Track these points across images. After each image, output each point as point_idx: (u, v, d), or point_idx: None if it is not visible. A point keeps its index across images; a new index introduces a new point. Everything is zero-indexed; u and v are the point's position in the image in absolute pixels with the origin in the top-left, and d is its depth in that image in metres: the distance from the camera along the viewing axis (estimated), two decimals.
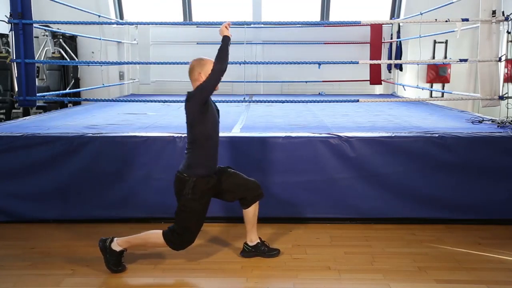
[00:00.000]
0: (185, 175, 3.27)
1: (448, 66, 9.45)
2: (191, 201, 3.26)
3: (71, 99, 6.96)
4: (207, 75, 3.22)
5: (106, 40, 8.10)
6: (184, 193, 3.26)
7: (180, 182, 3.30)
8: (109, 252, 3.33)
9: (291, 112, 6.25)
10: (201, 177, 3.27)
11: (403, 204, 4.27)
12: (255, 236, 3.58)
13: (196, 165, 3.29)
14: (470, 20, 5.28)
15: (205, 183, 3.29)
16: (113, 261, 3.33)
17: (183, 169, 3.31)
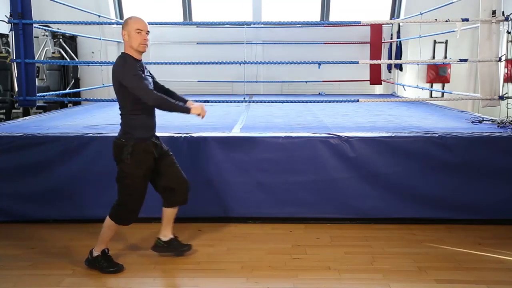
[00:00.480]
0: (122, 140, 3.23)
1: (448, 66, 9.45)
2: (131, 167, 3.21)
3: (71, 99, 6.96)
4: (129, 34, 3.14)
5: (106, 40, 8.10)
6: (122, 158, 3.21)
7: (117, 148, 3.25)
8: (94, 260, 3.37)
9: (291, 112, 6.25)
10: (139, 140, 3.22)
11: (403, 204, 4.27)
12: (169, 232, 3.57)
13: (133, 129, 3.22)
14: (470, 20, 5.27)
15: (144, 146, 3.25)
16: (106, 265, 3.36)
17: (120, 135, 3.27)
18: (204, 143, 4.30)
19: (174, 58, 6.46)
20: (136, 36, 3.15)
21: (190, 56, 7.74)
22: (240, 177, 4.29)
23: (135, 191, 3.28)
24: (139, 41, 3.16)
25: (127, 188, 3.27)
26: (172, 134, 4.36)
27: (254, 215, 4.32)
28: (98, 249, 3.38)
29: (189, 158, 4.27)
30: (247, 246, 3.80)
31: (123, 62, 3.17)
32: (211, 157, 4.28)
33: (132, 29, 3.15)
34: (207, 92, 8.98)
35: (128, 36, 3.15)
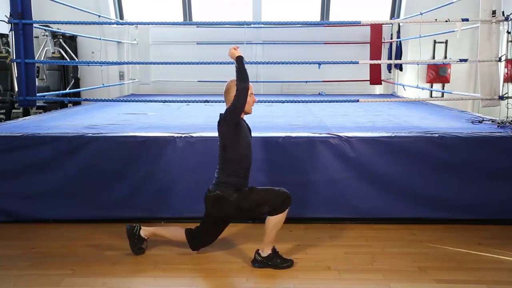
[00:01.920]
0: (218, 192, 3.35)
1: (448, 66, 9.45)
2: (242, 198, 3.33)
3: (71, 99, 6.96)
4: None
5: (106, 40, 8.10)
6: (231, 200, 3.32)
7: (218, 200, 3.36)
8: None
9: (291, 112, 6.25)
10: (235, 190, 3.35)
11: (403, 204, 4.27)
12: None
13: (227, 185, 3.35)
14: (470, 20, 5.27)
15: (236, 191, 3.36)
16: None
17: (214, 188, 3.39)
18: (204, 143, 4.30)
19: (174, 58, 6.46)
20: (249, 99, 3.38)
21: (190, 56, 7.76)
22: None
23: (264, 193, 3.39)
24: (251, 104, 3.44)
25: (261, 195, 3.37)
26: (172, 134, 4.36)
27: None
28: (267, 249, 3.40)
29: (189, 159, 4.28)
30: (247, 246, 3.80)
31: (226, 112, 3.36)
32: (211, 157, 4.26)
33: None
34: (207, 92, 8.97)
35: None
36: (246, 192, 3.38)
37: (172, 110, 6.61)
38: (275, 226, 3.36)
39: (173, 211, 4.32)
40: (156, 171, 4.27)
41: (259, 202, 3.35)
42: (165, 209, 4.31)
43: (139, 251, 3.61)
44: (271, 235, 3.38)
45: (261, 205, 3.34)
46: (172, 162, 4.28)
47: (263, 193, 3.38)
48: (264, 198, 3.35)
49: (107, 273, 3.35)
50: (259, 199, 3.35)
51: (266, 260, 3.40)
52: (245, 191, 3.39)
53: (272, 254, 3.40)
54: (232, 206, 3.35)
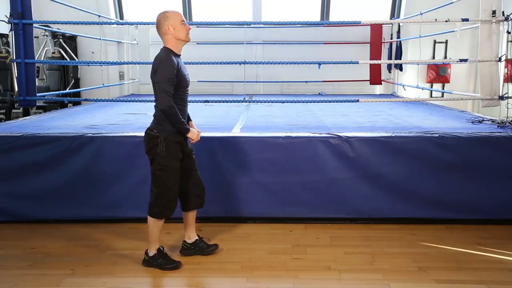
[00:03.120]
0: (155, 131, 3.25)
1: (448, 66, 9.45)
2: (166, 159, 3.25)
3: (71, 99, 6.94)
4: (175, 27, 3.22)
5: (106, 40, 8.10)
6: (158, 151, 3.23)
7: (150, 139, 3.27)
8: (152, 258, 3.40)
9: (291, 112, 6.25)
10: (171, 132, 3.25)
11: (403, 204, 4.27)
12: (193, 234, 3.61)
13: (165, 121, 3.24)
14: (470, 20, 5.27)
15: (176, 138, 3.28)
16: (164, 262, 3.39)
17: (153, 126, 3.30)
18: (204, 143, 4.29)
19: None
20: (182, 27, 3.25)
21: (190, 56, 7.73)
22: (240, 177, 4.29)
23: (173, 182, 3.32)
24: (185, 32, 3.28)
25: (165, 181, 3.30)
26: None
27: (254, 215, 4.32)
28: (153, 249, 3.40)
29: None
30: (247, 246, 3.80)
31: (165, 58, 3.20)
32: (211, 157, 4.28)
33: (177, 21, 3.24)
34: (207, 92, 8.97)
35: (174, 29, 3.23)
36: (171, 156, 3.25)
37: None
38: (154, 226, 3.36)
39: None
40: None
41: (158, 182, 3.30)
42: None
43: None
44: (153, 235, 3.39)
45: (154, 183, 3.32)
46: None
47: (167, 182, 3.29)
48: (161, 185, 3.29)
49: (107, 273, 3.35)
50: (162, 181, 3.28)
51: (152, 259, 3.42)
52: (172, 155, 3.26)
53: (157, 255, 3.41)
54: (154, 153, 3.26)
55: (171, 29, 3.23)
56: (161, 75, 3.16)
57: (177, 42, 3.27)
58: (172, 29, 3.23)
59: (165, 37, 3.27)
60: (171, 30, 3.23)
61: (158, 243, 3.43)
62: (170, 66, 3.17)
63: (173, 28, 3.23)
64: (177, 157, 3.31)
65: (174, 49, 3.28)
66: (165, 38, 3.28)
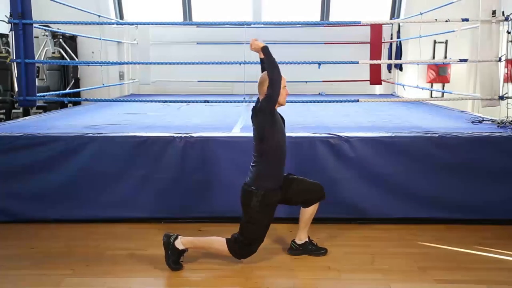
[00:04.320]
0: (253, 188, 3.31)
1: (448, 66, 9.45)
2: (259, 214, 3.30)
3: (71, 99, 6.95)
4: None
5: (106, 40, 8.09)
6: (251, 205, 3.29)
7: (247, 195, 3.33)
8: (171, 248, 3.36)
9: (291, 112, 6.23)
10: (269, 190, 3.31)
11: (403, 204, 4.27)
12: (304, 235, 3.61)
13: (264, 178, 3.32)
14: (470, 20, 5.28)
15: (273, 196, 3.34)
16: (173, 259, 3.37)
17: (250, 182, 3.34)
18: (204, 143, 4.30)
19: (174, 58, 6.45)
20: (282, 92, 3.40)
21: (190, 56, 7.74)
22: (240, 177, 4.27)
23: (259, 235, 3.38)
24: (284, 97, 3.45)
25: (252, 233, 3.36)
26: (172, 134, 4.36)
27: None
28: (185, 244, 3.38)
29: (189, 159, 4.28)
30: None
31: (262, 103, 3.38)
32: (211, 157, 4.28)
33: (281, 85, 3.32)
34: (207, 92, 8.97)
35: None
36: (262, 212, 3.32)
37: (172, 110, 6.61)
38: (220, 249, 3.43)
39: (173, 211, 4.32)
40: (156, 171, 4.27)
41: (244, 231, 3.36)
42: (164, 209, 4.31)
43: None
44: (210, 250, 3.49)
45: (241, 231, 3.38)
46: (172, 162, 4.27)
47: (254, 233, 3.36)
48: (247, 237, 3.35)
49: (107, 273, 3.35)
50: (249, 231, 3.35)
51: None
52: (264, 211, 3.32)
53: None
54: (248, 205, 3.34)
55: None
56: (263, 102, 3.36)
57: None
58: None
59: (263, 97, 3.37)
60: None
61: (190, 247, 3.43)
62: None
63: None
64: (268, 215, 3.37)
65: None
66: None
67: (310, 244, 3.61)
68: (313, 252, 3.60)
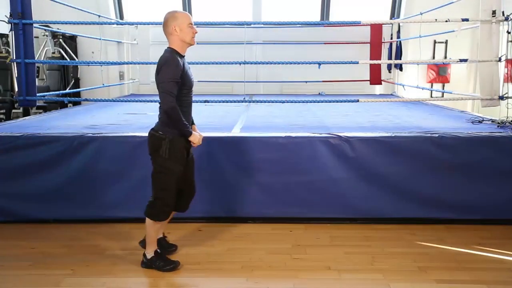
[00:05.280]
0: (160, 133, 3.23)
1: (448, 66, 9.45)
2: (168, 161, 3.22)
3: (71, 99, 6.93)
4: (181, 28, 3.18)
5: (106, 40, 8.09)
6: (160, 153, 3.21)
7: (155, 140, 3.24)
8: (150, 261, 3.39)
9: (291, 112, 6.25)
10: (177, 136, 3.23)
11: (403, 204, 4.27)
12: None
13: (171, 125, 3.22)
14: (470, 20, 5.27)
15: (181, 141, 3.25)
16: (162, 264, 3.38)
17: (158, 127, 3.27)
18: (204, 143, 4.28)
19: None
20: (188, 30, 3.20)
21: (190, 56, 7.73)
22: (240, 177, 4.30)
23: (171, 186, 3.28)
24: (191, 35, 3.23)
25: (164, 183, 3.27)
26: None
27: (254, 215, 4.32)
28: (150, 251, 3.40)
29: None
30: (247, 246, 3.80)
31: (170, 58, 3.17)
32: (211, 157, 4.28)
33: (184, 23, 3.19)
34: (207, 92, 8.95)
35: (180, 30, 3.18)
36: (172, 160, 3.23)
37: None
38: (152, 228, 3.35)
39: None
40: None
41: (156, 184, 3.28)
42: None
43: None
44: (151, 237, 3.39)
45: (154, 186, 3.29)
46: None
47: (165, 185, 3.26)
48: (159, 188, 3.27)
49: (107, 273, 3.35)
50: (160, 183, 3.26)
51: (150, 262, 3.40)
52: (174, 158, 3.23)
53: (154, 257, 3.40)
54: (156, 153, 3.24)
55: (178, 30, 3.18)
56: (165, 75, 3.13)
57: (182, 44, 3.24)
58: (178, 30, 3.18)
59: (171, 37, 3.23)
60: (177, 31, 3.19)
61: (155, 245, 3.42)
62: (174, 66, 3.14)
63: (180, 29, 3.18)
64: (180, 161, 3.28)
65: (179, 50, 3.24)
66: (171, 39, 3.24)
67: (164, 241, 3.56)
68: (164, 248, 3.53)
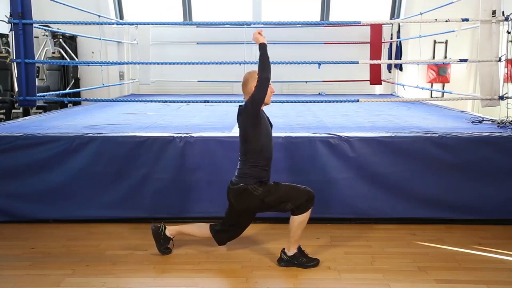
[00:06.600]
0: (241, 185, 3.33)
1: (448, 66, 9.45)
2: (265, 191, 3.33)
3: (71, 99, 6.95)
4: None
5: (106, 40, 8.10)
6: (257, 194, 3.31)
7: (240, 193, 3.35)
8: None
9: (291, 112, 6.25)
10: (256, 184, 3.34)
11: (403, 204, 4.27)
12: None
13: (249, 176, 3.34)
14: (470, 20, 5.27)
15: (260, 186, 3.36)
16: (305, 260, 3.43)
17: (237, 180, 3.37)
18: (204, 143, 4.30)
19: (174, 58, 6.47)
20: (268, 91, 3.32)
21: (190, 56, 7.74)
22: None
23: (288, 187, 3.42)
24: (269, 95, 3.37)
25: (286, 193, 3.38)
26: (172, 134, 4.35)
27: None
28: (293, 248, 3.44)
29: (189, 158, 4.28)
30: (247, 246, 3.80)
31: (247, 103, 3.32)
32: (211, 157, 4.28)
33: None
34: (207, 92, 8.98)
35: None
36: (271, 186, 3.39)
37: (172, 110, 6.61)
38: (300, 225, 3.39)
39: (173, 211, 4.32)
40: (156, 171, 4.27)
41: (283, 198, 3.36)
42: (164, 209, 4.31)
43: (165, 251, 3.63)
44: (296, 234, 3.41)
45: (285, 202, 3.36)
46: (172, 162, 4.28)
47: (288, 190, 3.39)
48: (288, 195, 3.36)
49: (107, 273, 3.35)
50: (283, 195, 3.37)
51: (292, 259, 3.43)
52: (270, 186, 3.39)
53: (298, 253, 3.44)
54: (256, 200, 3.34)
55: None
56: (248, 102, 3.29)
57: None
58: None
59: (248, 96, 3.33)
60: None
61: (298, 242, 3.45)
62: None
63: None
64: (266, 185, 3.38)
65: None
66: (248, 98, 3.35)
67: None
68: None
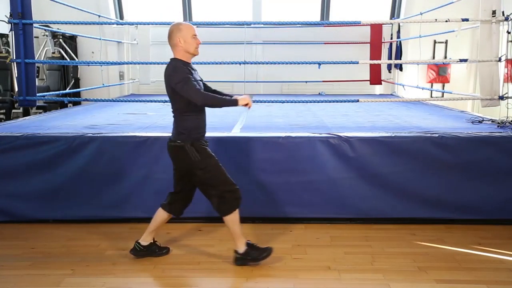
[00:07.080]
0: (178, 142, 3.30)
1: (448, 66, 9.46)
2: (203, 159, 3.30)
3: (71, 99, 6.95)
4: (186, 40, 3.24)
5: (106, 40, 8.09)
6: (192, 159, 3.28)
7: (177, 151, 3.31)
8: (244, 254, 3.42)
9: (291, 112, 6.25)
10: (194, 140, 3.31)
11: (403, 204, 4.27)
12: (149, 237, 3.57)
13: (187, 130, 3.31)
14: (470, 20, 5.27)
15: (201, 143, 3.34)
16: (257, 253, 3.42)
17: (175, 137, 3.34)
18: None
19: None
20: (192, 41, 3.27)
21: None
22: (240, 177, 4.27)
23: (223, 173, 3.36)
24: (195, 46, 3.30)
25: (217, 178, 3.34)
26: None
27: (254, 215, 4.32)
28: (241, 245, 3.41)
29: None
30: None
31: (174, 68, 3.26)
32: None
33: (188, 35, 3.26)
34: None
35: (185, 42, 3.25)
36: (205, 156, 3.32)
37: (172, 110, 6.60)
38: (232, 223, 3.37)
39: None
40: (156, 171, 4.27)
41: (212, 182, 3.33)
42: None
43: (164, 253, 3.61)
44: (235, 231, 3.40)
45: (208, 187, 3.35)
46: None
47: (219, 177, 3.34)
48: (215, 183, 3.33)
49: (107, 273, 3.35)
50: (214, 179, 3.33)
51: (244, 256, 3.42)
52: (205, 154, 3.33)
53: (248, 249, 3.42)
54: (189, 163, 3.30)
55: (182, 42, 3.25)
56: (177, 76, 3.21)
57: (186, 55, 3.31)
58: (183, 41, 3.25)
59: (175, 48, 3.30)
60: (182, 43, 3.25)
61: (243, 237, 3.43)
62: (182, 69, 3.24)
63: (184, 40, 3.25)
64: (210, 155, 3.37)
65: (184, 59, 3.32)
66: (175, 50, 3.31)
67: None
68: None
